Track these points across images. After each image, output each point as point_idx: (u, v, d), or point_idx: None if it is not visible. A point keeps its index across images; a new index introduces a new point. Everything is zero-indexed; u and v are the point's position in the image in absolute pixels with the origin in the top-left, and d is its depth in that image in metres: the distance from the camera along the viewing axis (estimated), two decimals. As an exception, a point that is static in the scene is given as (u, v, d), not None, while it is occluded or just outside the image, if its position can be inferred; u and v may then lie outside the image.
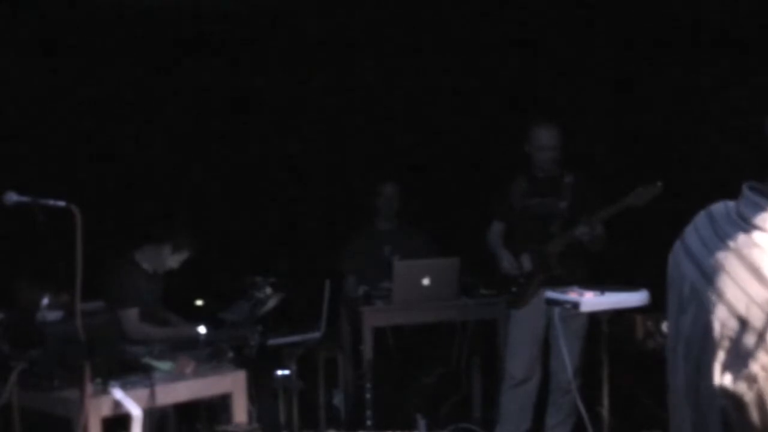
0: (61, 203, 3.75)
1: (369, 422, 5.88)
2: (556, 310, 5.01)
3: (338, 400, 6.11)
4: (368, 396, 5.86)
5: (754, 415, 1.36)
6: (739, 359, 1.36)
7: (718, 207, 1.50)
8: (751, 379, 1.35)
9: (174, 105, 6.70)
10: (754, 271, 1.38)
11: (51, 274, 3.89)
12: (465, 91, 6.84)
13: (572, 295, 4.82)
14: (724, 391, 1.37)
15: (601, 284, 4.93)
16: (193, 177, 6.81)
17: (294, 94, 6.97)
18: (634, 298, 4.88)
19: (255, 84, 6.85)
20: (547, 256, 5.48)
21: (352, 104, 7.01)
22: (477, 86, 6.76)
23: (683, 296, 1.47)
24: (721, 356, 1.38)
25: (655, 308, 4.98)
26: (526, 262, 5.59)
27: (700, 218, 1.51)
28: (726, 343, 1.37)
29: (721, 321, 1.38)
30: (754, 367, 1.35)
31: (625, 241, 5.54)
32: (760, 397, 1.36)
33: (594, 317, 5.02)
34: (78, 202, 3.72)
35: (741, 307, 1.37)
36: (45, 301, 4.26)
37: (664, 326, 5.18)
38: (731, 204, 1.48)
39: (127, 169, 6.57)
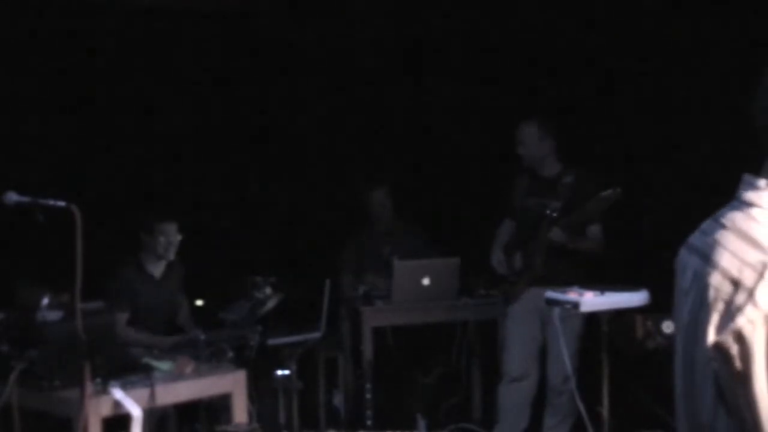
0: (61, 203, 3.75)
1: (369, 422, 5.88)
2: (556, 310, 5.01)
3: (338, 400, 6.11)
4: (368, 396, 5.86)
5: (739, 366, 1.41)
6: (729, 317, 1.41)
7: (723, 209, 1.56)
8: (737, 332, 1.40)
9: (174, 106, 6.70)
10: (748, 239, 1.45)
11: (51, 274, 3.89)
12: (465, 91, 6.84)
13: (572, 295, 4.81)
14: (713, 346, 1.42)
15: (601, 284, 4.93)
16: (193, 177, 6.81)
17: (293, 94, 6.97)
18: (634, 298, 4.87)
19: (255, 85, 6.86)
20: (532, 256, 5.48)
21: (351, 104, 7.01)
22: (476, 86, 6.76)
23: (685, 285, 1.52)
24: (714, 319, 1.44)
25: (655, 308, 4.98)
26: (518, 261, 5.60)
27: (706, 222, 1.57)
28: (720, 306, 1.43)
29: (716, 286, 1.44)
30: (741, 321, 1.40)
31: (625, 241, 5.54)
32: (745, 349, 1.40)
33: (594, 317, 5.02)
34: (79, 202, 3.72)
35: (734, 270, 1.43)
36: (45, 301, 4.26)
37: (664, 326, 5.19)
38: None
39: (127, 170, 6.57)
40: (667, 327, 5.18)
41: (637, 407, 5.52)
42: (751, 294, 1.41)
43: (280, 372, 5.45)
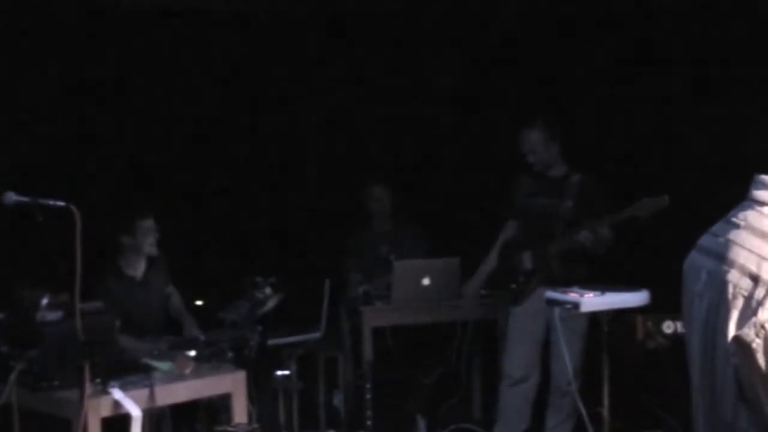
0: (61, 203, 3.75)
1: (369, 422, 5.88)
2: (557, 310, 5.01)
3: (338, 400, 6.11)
4: (368, 396, 5.86)
5: (761, 360, 1.41)
6: (750, 312, 1.42)
7: (734, 210, 1.57)
8: (759, 326, 1.41)
9: (174, 105, 6.69)
10: (764, 236, 1.46)
11: (51, 274, 3.88)
12: (465, 91, 6.84)
13: (572, 296, 4.82)
14: (735, 341, 1.43)
15: (601, 284, 4.93)
16: (193, 177, 6.80)
17: (293, 94, 6.97)
18: (634, 298, 4.88)
19: (254, 84, 6.85)
20: (547, 257, 5.48)
21: (351, 104, 7.00)
22: (477, 86, 6.76)
23: (698, 287, 1.53)
24: (734, 315, 1.45)
25: (656, 308, 4.98)
26: (527, 261, 5.59)
27: (716, 225, 1.58)
28: (739, 302, 1.45)
29: (734, 283, 1.46)
30: (764, 315, 1.41)
31: (625, 241, 5.54)
32: (767, 343, 1.40)
33: (594, 317, 5.02)
34: (78, 202, 3.72)
35: (752, 266, 1.46)
36: (45, 301, 4.25)
37: (665, 326, 5.19)
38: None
39: (126, 169, 6.57)
40: (668, 327, 5.19)
41: (638, 407, 5.53)
42: None
43: (280, 372, 5.45)
